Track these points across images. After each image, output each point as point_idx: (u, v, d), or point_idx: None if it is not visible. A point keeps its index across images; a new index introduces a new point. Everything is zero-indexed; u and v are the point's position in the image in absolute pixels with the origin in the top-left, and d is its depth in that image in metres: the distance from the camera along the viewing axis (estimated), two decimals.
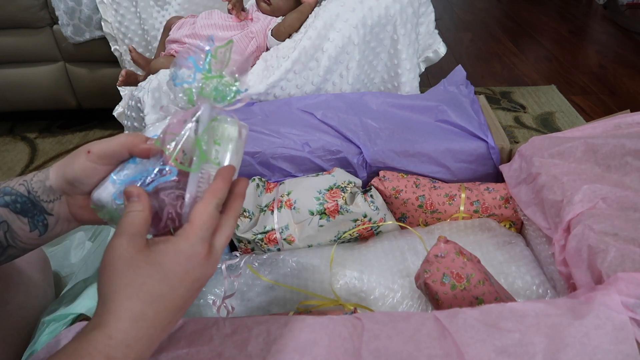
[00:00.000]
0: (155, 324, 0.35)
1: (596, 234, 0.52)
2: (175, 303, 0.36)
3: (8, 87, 1.54)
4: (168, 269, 0.36)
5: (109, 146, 0.44)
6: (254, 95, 1.02)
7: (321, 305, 0.64)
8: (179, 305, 0.37)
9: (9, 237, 0.46)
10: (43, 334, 0.48)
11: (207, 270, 0.38)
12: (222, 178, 0.40)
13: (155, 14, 1.35)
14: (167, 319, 0.36)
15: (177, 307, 0.37)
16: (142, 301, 0.35)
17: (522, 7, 2.90)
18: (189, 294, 0.37)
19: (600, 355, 0.39)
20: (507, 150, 0.83)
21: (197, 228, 0.37)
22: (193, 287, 0.37)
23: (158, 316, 0.35)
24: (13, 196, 0.45)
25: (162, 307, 0.35)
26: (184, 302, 0.37)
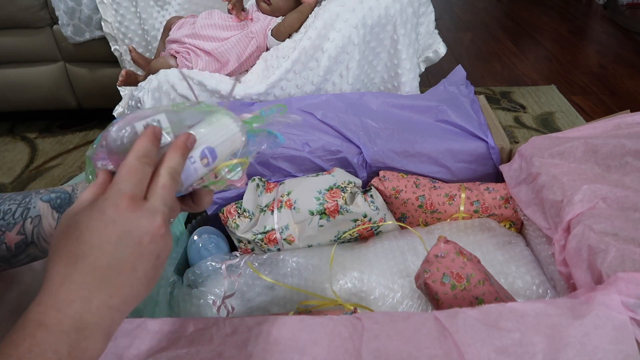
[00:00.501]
0: (87, 284, 0.33)
1: (596, 234, 0.52)
2: (101, 261, 0.34)
3: (8, 87, 1.54)
4: (85, 227, 0.34)
5: None
6: (254, 95, 1.02)
7: (321, 305, 0.64)
8: (113, 262, 0.34)
9: (35, 232, 0.48)
10: None
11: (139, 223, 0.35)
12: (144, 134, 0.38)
13: (155, 14, 1.35)
14: (99, 278, 0.33)
15: (109, 265, 0.34)
16: (64, 263, 0.34)
17: (522, 7, 2.90)
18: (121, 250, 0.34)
19: (600, 355, 0.39)
20: (507, 150, 0.83)
21: (113, 182, 0.36)
22: (125, 242, 0.34)
23: (85, 276, 0.33)
24: (59, 193, 0.48)
25: (87, 267, 0.33)
26: (120, 260, 0.34)
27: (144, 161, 0.37)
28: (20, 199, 0.48)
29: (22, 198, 0.48)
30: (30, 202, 0.48)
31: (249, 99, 1.02)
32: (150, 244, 0.35)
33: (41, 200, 0.49)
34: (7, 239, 0.48)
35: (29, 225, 0.48)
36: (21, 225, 0.48)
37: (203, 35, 1.17)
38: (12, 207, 0.47)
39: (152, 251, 0.35)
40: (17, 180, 1.41)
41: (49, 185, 1.37)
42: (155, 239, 0.36)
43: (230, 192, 0.85)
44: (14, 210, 0.47)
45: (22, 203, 0.48)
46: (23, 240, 0.49)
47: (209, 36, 1.17)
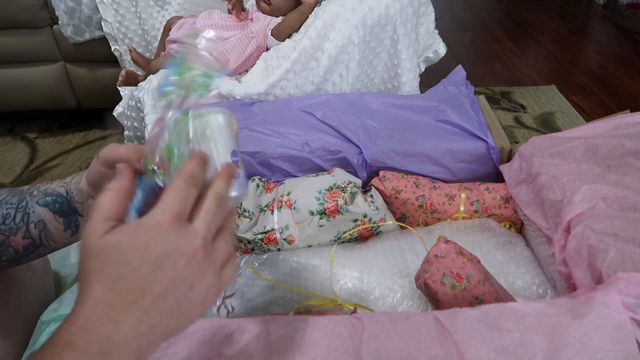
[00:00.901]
0: (119, 307, 0.32)
1: (596, 234, 0.52)
2: (139, 283, 0.33)
3: (8, 87, 1.54)
4: (126, 247, 0.34)
5: (114, 153, 0.44)
6: (254, 95, 1.02)
7: (321, 305, 0.64)
8: (146, 285, 0.33)
9: (43, 236, 0.49)
10: (43, 334, 0.48)
11: (179, 243, 0.34)
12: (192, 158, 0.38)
13: (155, 14, 1.35)
14: (131, 300, 0.33)
15: (143, 288, 0.33)
16: (101, 285, 0.33)
17: (522, 7, 2.90)
18: (157, 272, 0.33)
19: (600, 354, 0.39)
20: (507, 150, 0.83)
21: (160, 202, 0.35)
22: (162, 264, 0.33)
23: (120, 298, 0.33)
24: (54, 197, 0.48)
25: (123, 288, 0.33)
26: (153, 282, 0.33)
27: (190, 182, 0.37)
28: (16, 202, 0.48)
29: (17, 202, 0.48)
30: (27, 207, 0.48)
31: (249, 99, 1.02)
32: (185, 268, 0.34)
33: (38, 204, 0.48)
34: (13, 242, 0.48)
35: (34, 230, 0.49)
36: (25, 229, 0.48)
37: None
38: (10, 211, 0.47)
39: (186, 277, 0.34)
40: (17, 180, 1.41)
41: None
42: (190, 264, 0.34)
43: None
44: (13, 215, 0.47)
45: (20, 207, 0.48)
46: (31, 243, 0.49)
47: None
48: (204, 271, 0.35)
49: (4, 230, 0.47)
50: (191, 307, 0.35)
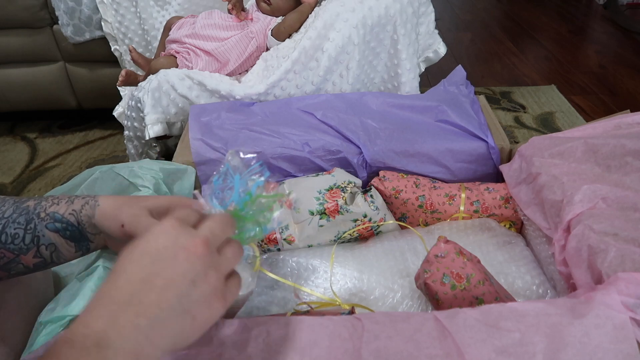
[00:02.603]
0: (117, 298, 0.32)
1: (596, 234, 0.52)
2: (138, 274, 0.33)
3: (8, 87, 1.54)
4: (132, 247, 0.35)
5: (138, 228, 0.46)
6: (254, 95, 1.02)
7: (321, 306, 0.64)
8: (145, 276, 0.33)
9: (54, 256, 0.49)
10: (40, 335, 0.48)
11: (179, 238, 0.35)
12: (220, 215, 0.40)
13: (155, 14, 1.35)
14: (130, 291, 0.33)
15: (143, 279, 0.33)
16: (106, 281, 0.34)
17: (522, 7, 2.90)
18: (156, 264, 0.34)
19: (600, 354, 0.39)
20: (507, 150, 0.83)
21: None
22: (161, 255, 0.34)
23: (119, 290, 0.33)
24: (64, 224, 0.48)
25: (123, 280, 0.33)
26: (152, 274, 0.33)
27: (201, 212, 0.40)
28: (24, 222, 0.48)
29: (25, 222, 0.48)
30: (37, 230, 0.48)
31: (249, 99, 1.02)
32: (185, 261, 0.34)
33: (47, 228, 0.48)
34: (23, 260, 0.48)
35: (46, 251, 0.49)
36: (35, 250, 0.48)
37: (203, 35, 1.17)
38: (18, 232, 0.47)
39: (187, 271, 0.34)
40: (17, 180, 1.41)
41: (48, 185, 1.37)
42: (190, 258, 0.34)
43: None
44: (22, 236, 0.47)
45: (29, 229, 0.48)
46: (42, 262, 0.50)
47: (209, 36, 1.17)
48: (206, 270, 0.35)
49: (13, 250, 0.47)
50: (194, 306, 0.34)
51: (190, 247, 0.35)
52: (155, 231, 0.35)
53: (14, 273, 0.49)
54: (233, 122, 0.91)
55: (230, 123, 0.90)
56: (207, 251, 0.35)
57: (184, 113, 1.06)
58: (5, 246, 0.47)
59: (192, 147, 0.85)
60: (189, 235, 0.35)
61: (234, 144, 0.85)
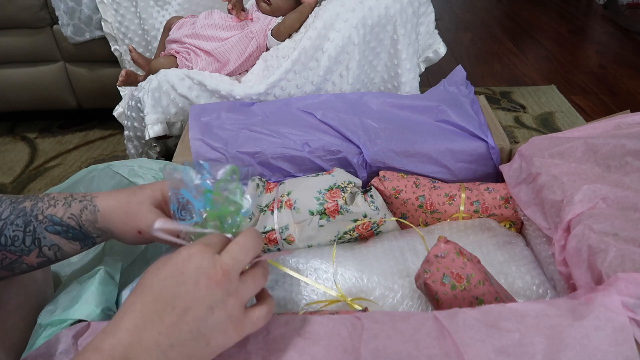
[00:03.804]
0: (143, 314, 0.35)
1: (596, 234, 0.52)
2: (164, 294, 0.35)
3: (8, 87, 1.54)
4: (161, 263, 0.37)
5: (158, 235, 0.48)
6: (254, 95, 1.02)
7: (330, 303, 0.64)
8: (169, 297, 0.35)
9: (59, 255, 0.50)
10: (40, 337, 0.48)
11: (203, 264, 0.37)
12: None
13: (155, 14, 1.35)
14: (155, 310, 0.35)
15: (166, 299, 0.35)
16: (134, 294, 0.36)
17: (522, 7, 2.90)
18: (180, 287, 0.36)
19: (600, 356, 0.39)
20: (507, 150, 0.83)
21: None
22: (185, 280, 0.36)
23: (145, 306, 0.35)
24: (64, 227, 0.48)
25: (150, 297, 0.36)
26: (177, 297, 0.35)
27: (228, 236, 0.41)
28: (22, 225, 0.47)
29: (23, 224, 0.47)
30: (37, 232, 0.48)
31: (249, 99, 1.02)
32: (205, 288, 0.36)
33: (47, 231, 0.48)
34: (26, 261, 0.48)
35: (49, 251, 0.49)
36: (38, 251, 0.48)
37: (203, 35, 1.17)
38: (17, 234, 0.47)
39: (205, 297, 0.36)
40: (17, 180, 1.41)
41: (48, 185, 1.37)
42: (210, 285, 0.36)
43: None
44: (22, 238, 0.47)
45: (28, 232, 0.47)
46: (46, 261, 0.50)
47: (209, 36, 1.17)
48: (224, 297, 0.37)
49: (15, 251, 0.47)
50: (209, 331, 0.36)
51: (211, 274, 0.37)
52: (183, 254, 0.37)
53: (18, 272, 0.50)
54: (233, 122, 0.91)
55: (230, 123, 0.90)
56: (226, 279, 0.37)
57: (184, 113, 1.06)
58: (5, 248, 0.47)
59: (192, 147, 0.86)
60: (211, 262, 0.37)
61: (234, 144, 0.85)
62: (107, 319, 0.50)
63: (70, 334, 0.45)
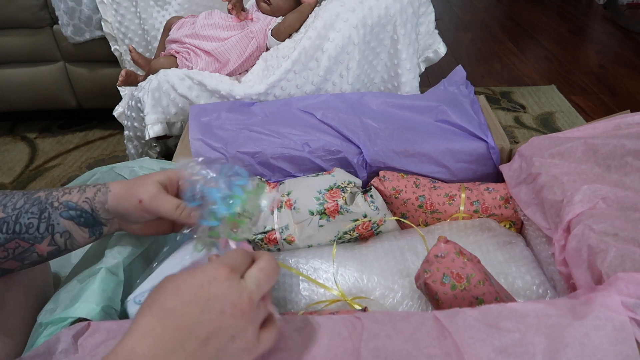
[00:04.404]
0: (164, 342, 0.33)
1: (596, 234, 0.52)
2: (187, 320, 0.34)
3: (8, 87, 1.54)
4: (182, 282, 0.36)
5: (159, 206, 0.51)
6: (254, 95, 1.02)
7: (331, 303, 0.64)
8: (192, 324, 0.34)
9: (68, 243, 0.51)
10: (40, 336, 0.48)
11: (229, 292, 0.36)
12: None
13: (155, 14, 1.35)
14: (177, 338, 0.34)
15: (189, 327, 0.34)
16: (153, 316, 0.34)
17: (522, 7, 2.90)
18: (204, 315, 0.35)
19: (600, 355, 0.39)
20: (507, 150, 0.83)
21: (221, 257, 0.39)
22: (210, 308, 0.35)
23: (167, 333, 0.34)
24: (78, 211, 0.50)
25: (172, 323, 0.34)
26: (199, 325, 0.34)
27: (250, 252, 0.41)
28: (37, 212, 0.49)
29: (39, 212, 0.49)
30: (51, 218, 0.49)
31: (249, 99, 1.02)
32: (231, 317, 0.35)
33: (62, 217, 0.50)
34: (37, 249, 0.49)
35: (60, 239, 0.50)
36: (50, 238, 0.49)
37: (203, 35, 1.17)
38: (32, 221, 0.48)
39: (229, 327, 0.35)
40: (17, 180, 1.41)
41: (48, 186, 1.37)
42: (236, 315, 0.36)
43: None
44: (37, 225, 0.48)
45: (43, 218, 0.49)
46: (56, 249, 0.51)
47: (209, 36, 1.17)
48: (246, 326, 0.36)
49: (28, 239, 0.48)
50: (227, 358, 0.35)
51: (237, 303, 0.36)
52: (209, 276, 0.36)
53: (27, 263, 0.50)
54: (233, 122, 0.91)
55: (230, 123, 0.90)
56: (251, 307, 0.37)
57: (184, 113, 1.06)
58: (19, 236, 0.48)
59: (192, 147, 0.86)
60: (237, 289, 0.37)
61: (234, 144, 0.85)
62: (107, 317, 0.50)
63: (70, 333, 0.45)
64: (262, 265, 0.39)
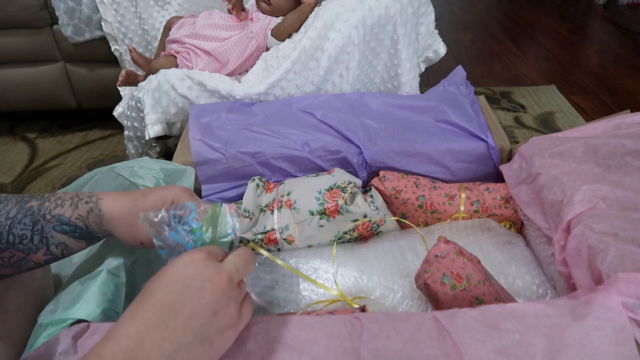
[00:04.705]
0: (146, 321, 0.35)
1: (596, 234, 0.52)
2: (166, 299, 0.36)
3: (8, 87, 1.54)
4: (161, 271, 0.38)
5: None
6: (254, 95, 1.02)
7: (330, 303, 0.64)
8: (173, 302, 0.36)
9: (66, 252, 0.51)
10: (40, 337, 0.48)
11: (207, 271, 0.38)
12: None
13: (155, 14, 1.35)
14: (159, 316, 0.35)
15: (170, 304, 0.36)
16: (136, 301, 0.37)
17: (522, 7, 2.90)
18: (184, 292, 0.36)
19: (600, 356, 0.39)
20: (507, 150, 0.83)
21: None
22: (189, 285, 0.37)
23: (148, 313, 0.35)
24: (72, 227, 0.50)
25: (151, 303, 0.36)
26: (181, 302, 0.36)
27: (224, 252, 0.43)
28: (30, 224, 0.48)
29: (31, 223, 0.48)
30: (44, 231, 0.49)
31: (249, 99, 1.02)
32: (211, 294, 0.37)
33: (55, 230, 0.49)
34: (33, 258, 0.49)
35: (56, 249, 0.50)
36: (45, 249, 0.49)
37: (203, 35, 1.17)
38: (25, 232, 0.48)
39: (210, 303, 0.37)
40: (17, 180, 1.41)
41: (48, 185, 1.37)
42: (215, 291, 0.37)
43: (229, 193, 0.85)
44: (30, 237, 0.48)
45: (36, 230, 0.48)
46: (53, 258, 0.51)
47: (209, 36, 1.17)
48: (227, 302, 0.38)
49: (22, 249, 0.48)
50: (213, 335, 0.37)
51: (216, 280, 0.38)
52: (185, 260, 0.38)
53: (24, 269, 0.50)
54: (233, 123, 0.91)
55: (230, 123, 0.90)
56: (230, 286, 0.39)
57: (184, 113, 1.06)
58: (13, 246, 0.47)
59: (192, 147, 0.85)
60: (215, 268, 0.39)
61: (234, 144, 0.85)
62: (107, 319, 0.50)
63: (70, 334, 0.45)
64: (239, 253, 0.42)
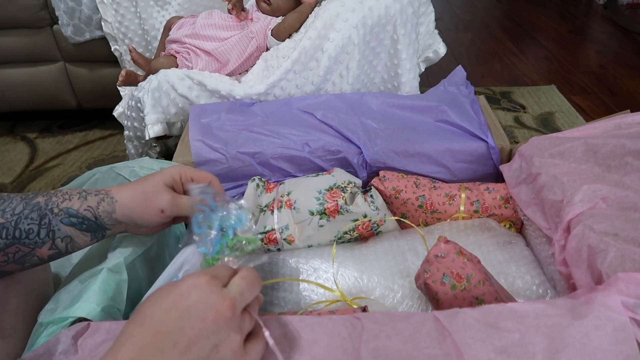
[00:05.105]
0: (142, 347, 0.33)
1: (596, 234, 0.52)
2: (166, 326, 0.34)
3: (8, 87, 1.54)
4: (164, 291, 0.36)
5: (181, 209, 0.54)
6: (254, 95, 1.02)
7: (331, 303, 0.64)
8: (172, 331, 0.34)
9: (70, 247, 0.51)
10: (41, 336, 0.48)
11: (210, 297, 0.35)
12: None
13: (155, 14, 1.35)
14: (156, 344, 0.33)
15: (169, 333, 0.34)
16: (134, 323, 0.35)
17: (522, 7, 2.90)
18: (184, 320, 0.34)
19: (600, 355, 0.39)
20: (507, 150, 0.83)
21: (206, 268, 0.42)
22: (190, 313, 0.35)
23: (145, 338, 0.34)
24: (80, 219, 0.50)
25: (150, 328, 0.34)
26: (179, 331, 0.34)
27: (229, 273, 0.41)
28: (37, 218, 0.48)
29: (38, 218, 0.48)
30: (52, 224, 0.49)
31: (248, 99, 1.02)
32: (212, 324, 0.35)
33: (63, 223, 0.49)
34: (38, 253, 0.49)
35: (61, 243, 0.50)
36: (51, 243, 0.49)
37: (203, 35, 1.17)
38: (32, 227, 0.48)
39: (211, 335, 0.34)
40: (17, 180, 1.41)
41: (48, 186, 1.37)
42: (218, 322, 0.35)
43: (229, 193, 0.85)
44: (37, 231, 0.48)
45: (43, 224, 0.48)
46: (56, 253, 0.51)
47: (209, 36, 1.17)
48: (230, 334, 0.35)
49: (28, 244, 0.48)
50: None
51: (219, 309, 0.35)
52: (189, 284, 0.36)
53: (28, 265, 0.50)
54: (233, 123, 0.91)
55: (230, 124, 0.90)
56: (233, 314, 0.36)
57: (184, 113, 1.06)
58: (20, 241, 0.48)
59: (192, 147, 0.86)
60: (219, 295, 0.36)
61: (234, 145, 0.85)
62: (108, 317, 0.50)
63: (70, 334, 0.45)
64: (244, 274, 0.39)
